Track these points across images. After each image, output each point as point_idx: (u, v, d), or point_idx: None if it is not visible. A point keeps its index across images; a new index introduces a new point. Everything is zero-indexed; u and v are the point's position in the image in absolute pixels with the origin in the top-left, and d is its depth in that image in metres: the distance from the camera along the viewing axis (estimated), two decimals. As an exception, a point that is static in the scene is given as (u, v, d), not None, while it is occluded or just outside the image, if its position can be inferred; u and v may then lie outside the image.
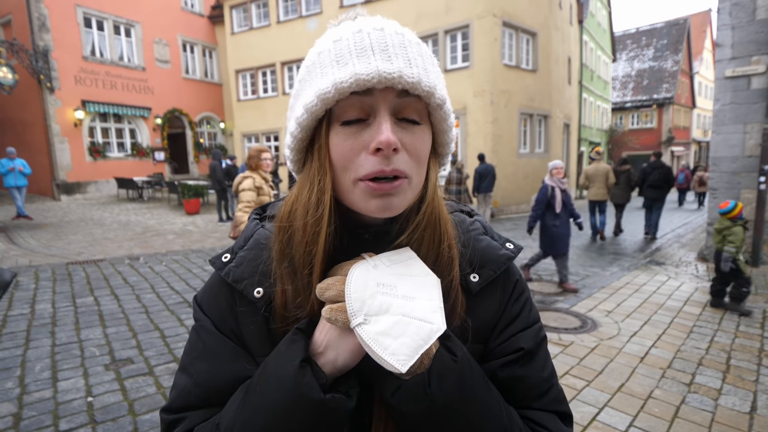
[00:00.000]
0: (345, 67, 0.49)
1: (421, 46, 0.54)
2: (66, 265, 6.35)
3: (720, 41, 6.24)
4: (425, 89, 0.50)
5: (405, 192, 0.52)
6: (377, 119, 0.50)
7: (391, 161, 0.50)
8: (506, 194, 12.90)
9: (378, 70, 0.48)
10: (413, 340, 0.47)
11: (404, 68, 0.49)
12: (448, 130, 0.58)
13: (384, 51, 0.50)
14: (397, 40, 0.51)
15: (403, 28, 0.54)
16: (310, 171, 0.55)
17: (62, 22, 14.13)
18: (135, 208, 12.95)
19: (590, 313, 4.37)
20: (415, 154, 0.52)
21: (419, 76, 0.50)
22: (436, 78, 0.53)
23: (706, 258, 6.55)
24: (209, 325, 0.59)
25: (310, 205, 0.53)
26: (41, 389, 2.87)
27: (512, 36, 12.67)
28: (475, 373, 0.51)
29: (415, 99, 0.51)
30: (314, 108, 0.51)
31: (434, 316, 0.49)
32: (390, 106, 0.50)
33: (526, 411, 0.58)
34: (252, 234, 0.63)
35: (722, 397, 2.79)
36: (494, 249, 0.63)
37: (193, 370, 0.57)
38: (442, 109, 0.54)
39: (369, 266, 0.51)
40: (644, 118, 29.78)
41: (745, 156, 6.11)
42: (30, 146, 14.24)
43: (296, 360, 0.48)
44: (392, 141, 0.48)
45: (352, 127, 0.51)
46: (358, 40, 0.51)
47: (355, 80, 0.48)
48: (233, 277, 0.58)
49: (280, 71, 16.17)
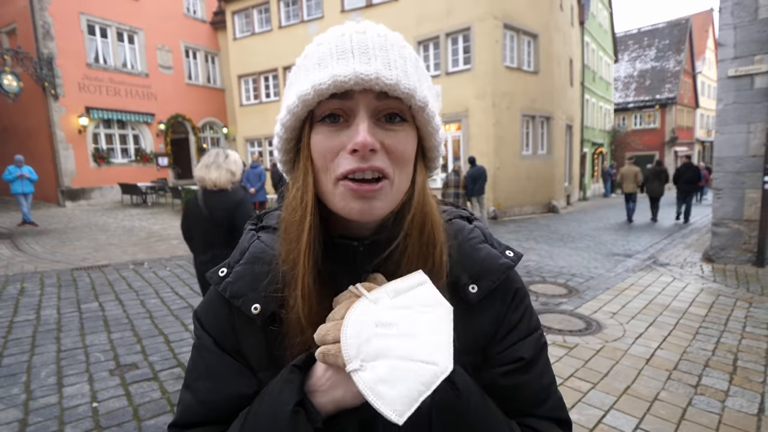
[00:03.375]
0: (325, 69, 0.50)
1: (405, 49, 0.54)
2: (71, 270, 6.38)
3: (722, 41, 6.22)
4: (404, 91, 0.50)
5: (387, 195, 0.52)
6: (355, 120, 0.50)
7: (369, 160, 0.50)
8: (509, 196, 12.87)
9: (355, 72, 0.48)
10: (413, 387, 0.44)
11: (382, 70, 0.49)
12: (434, 132, 0.57)
13: (364, 53, 0.50)
14: (378, 43, 0.51)
15: (387, 31, 0.54)
16: (297, 171, 0.56)
17: (66, 30, 14.25)
18: (139, 214, 13.01)
19: (595, 314, 4.35)
20: (397, 155, 0.52)
21: (397, 78, 0.49)
22: (417, 80, 0.53)
23: (712, 258, 6.51)
24: (210, 343, 0.59)
25: (294, 204, 0.54)
26: (47, 395, 2.88)
27: (513, 38, 12.68)
28: (478, 404, 0.51)
29: (396, 101, 0.51)
30: (295, 109, 0.52)
31: (439, 356, 0.45)
32: (369, 107, 0.51)
33: (526, 419, 0.58)
34: (248, 247, 0.62)
35: (729, 399, 2.76)
36: (494, 258, 0.61)
37: (195, 388, 0.58)
38: (425, 112, 0.53)
39: (369, 303, 0.48)
40: (647, 119, 29.69)
41: (749, 156, 6.08)
42: (35, 153, 14.33)
43: (290, 404, 0.48)
44: (368, 142, 0.48)
45: (332, 127, 0.52)
46: (340, 43, 0.51)
47: (333, 82, 0.48)
48: (230, 293, 0.57)
49: (282, 76, 16.23)
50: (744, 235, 6.23)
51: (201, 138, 19.31)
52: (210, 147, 19.82)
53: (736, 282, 5.44)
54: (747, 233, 6.19)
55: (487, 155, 12.04)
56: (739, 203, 6.20)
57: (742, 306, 4.54)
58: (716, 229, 6.49)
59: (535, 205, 13.90)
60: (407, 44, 0.56)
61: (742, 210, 6.19)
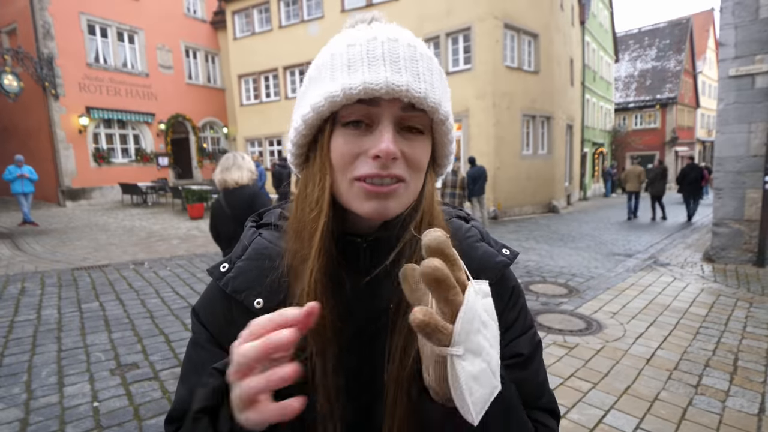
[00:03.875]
0: (355, 73, 0.50)
1: (432, 61, 0.55)
2: (71, 270, 6.38)
3: (723, 40, 6.22)
4: (431, 104, 0.51)
5: (401, 196, 0.53)
6: (380, 128, 0.51)
7: (389, 167, 0.51)
8: (509, 196, 12.87)
9: (387, 82, 0.49)
10: (487, 393, 0.43)
11: (412, 82, 0.50)
12: (449, 143, 0.59)
13: (395, 62, 0.50)
14: (408, 53, 0.52)
15: (416, 40, 0.55)
16: (312, 168, 0.56)
17: (66, 30, 14.26)
18: (139, 214, 13.01)
19: (595, 314, 4.35)
20: (414, 163, 0.53)
21: (426, 91, 0.51)
22: (442, 93, 0.54)
23: (712, 258, 6.51)
24: (204, 338, 0.59)
25: (311, 201, 0.55)
26: (48, 394, 2.88)
27: (514, 38, 12.67)
28: (515, 398, 0.51)
29: (419, 112, 0.52)
30: (321, 108, 0.52)
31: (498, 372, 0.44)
32: (394, 116, 0.51)
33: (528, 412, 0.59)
34: (250, 243, 0.62)
35: (730, 399, 2.76)
36: (490, 256, 0.62)
37: (189, 383, 0.58)
38: (445, 125, 0.55)
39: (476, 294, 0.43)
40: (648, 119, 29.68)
41: (750, 155, 6.08)
42: (35, 153, 14.34)
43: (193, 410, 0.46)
44: (392, 151, 0.49)
45: (355, 131, 0.52)
46: (371, 48, 0.51)
47: (364, 88, 0.49)
48: (232, 288, 0.58)
49: (283, 76, 16.23)
50: (744, 235, 6.22)
51: (201, 138, 19.31)
52: (210, 147, 19.91)
53: (737, 282, 5.44)
54: (747, 233, 6.19)
55: (488, 155, 12.04)
56: (739, 203, 6.20)
57: (742, 306, 4.54)
58: (717, 229, 6.49)
59: (535, 205, 13.90)
60: (433, 56, 0.56)
61: (742, 210, 6.18)
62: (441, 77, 0.56)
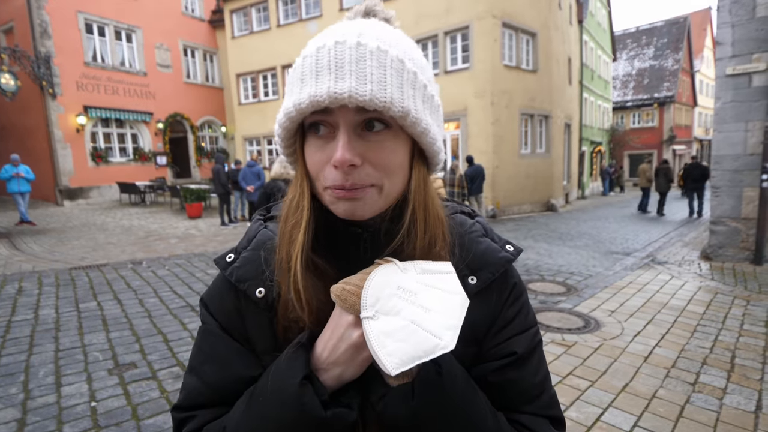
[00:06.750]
0: (304, 87, 0.52)
1: (387, 55, 0.51)
2: (69, 270, 6.37)
3: (720, 39, 6.23)
4: (380, 104, 0.49)
5: (373, 199, 0.54)
6: (337, 136, 0.52)
7: (350, 176, 0.52)
8: (508, 195, 12.88)
9: (329, 91, 0.49)
10: (413, 349, 0.46)
11: (355, 87, 0.48)
12: (425, 133, 0.55)
13: (339, 68, 0.50)
14: (355, 55, 0.50)
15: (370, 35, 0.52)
16: (297, 171, 0.59)
17: (64, 29, 14.20)
18: (137, 213, 12.99)
19: (593, 312, 4.36)
20: (382, 165, 0.53)
21: (372, 93, 0.49)
22: (398, 88, 0.51)
23: (709, 256, 6.53)
24: (215, 327, 0.61)
25: (292, 205, 0.57)
26: (45, 394, 2.88)
27: (512, 36, 12.67)
28: (459, 386, 0.52)
29: (374, 112, 0.51)
30: (286, 123, 0.54)
31: (446, 333, 0.48)
32: (349, 122, 0.51)
33: (517, 415, 0.58)
34: (255, 234, 0.64)
35: (727, 397, 2.77)
36: (494, 251, 0.63)
37: (201, 371, 0.59)
38: (407, 119, 0.52)
39: (397, 269, 0.52)
40: (645, 117, 29.74)
41: (747, 154, 6.09)
42: (33, 152, 14.30)
43: (297, 378, 0.49)
44: (347, 159, 0.50)
45: (320, 140, 0.54)
46: (318, 58, 0.51)
47: (310, 102, 0.50)
48: (237, 277, 0.60)
49: (281, 75, 16.20)
50: (742, 233, 6.24)
51: (199, 137, 19.28)
52: (208, 146, 19.90)
53: (734, 280, 5.45)
54: (745, 231, 6.21)
55: (486, 154, 12.05)
56: (737, 201, 6.21)
57: (739, 304, 4.55)
58: (714, 227, 6.50)
59: (533, 203, 13.91)
60: (395, 45, 0.53)
61: (740, 208, 6.20)
62: (399, 71, 0.52)
